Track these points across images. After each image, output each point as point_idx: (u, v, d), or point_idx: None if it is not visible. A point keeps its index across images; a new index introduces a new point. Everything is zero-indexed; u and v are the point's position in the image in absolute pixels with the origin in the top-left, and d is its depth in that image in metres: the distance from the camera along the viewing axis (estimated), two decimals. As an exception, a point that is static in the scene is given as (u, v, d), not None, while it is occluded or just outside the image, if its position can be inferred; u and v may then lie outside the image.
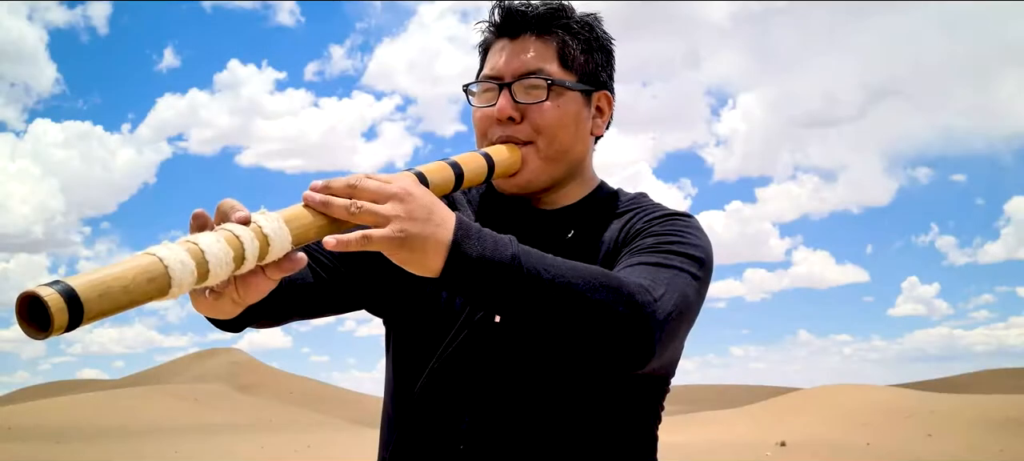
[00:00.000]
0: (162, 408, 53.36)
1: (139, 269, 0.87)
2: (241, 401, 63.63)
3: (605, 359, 1.10)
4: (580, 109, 1.38)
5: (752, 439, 29.48)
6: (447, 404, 1.31)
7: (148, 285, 0.87)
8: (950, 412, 32.53)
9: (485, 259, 1.04)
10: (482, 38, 1.44)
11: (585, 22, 1.40)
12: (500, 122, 1.36)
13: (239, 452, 28.26)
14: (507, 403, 1.28)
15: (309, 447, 30.21)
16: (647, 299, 1.11)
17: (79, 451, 27.76)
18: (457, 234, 1.04)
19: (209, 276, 0.92)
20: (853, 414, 33.83)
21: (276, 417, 51.58)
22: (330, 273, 1.30)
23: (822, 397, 38.14)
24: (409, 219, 1.01)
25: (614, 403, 1.31)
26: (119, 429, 40.01)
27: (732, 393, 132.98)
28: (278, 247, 0.98)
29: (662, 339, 1.13)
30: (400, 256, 1.02)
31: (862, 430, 30.92)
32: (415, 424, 1.34)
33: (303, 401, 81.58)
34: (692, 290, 1.22)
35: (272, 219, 0.98)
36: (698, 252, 1.28)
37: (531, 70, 1.35)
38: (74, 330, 0.84)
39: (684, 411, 60.03)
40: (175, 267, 0.88)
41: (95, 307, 0.83)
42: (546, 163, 1.36)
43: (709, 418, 39.06)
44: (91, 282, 0.84)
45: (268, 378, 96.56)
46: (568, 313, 1.06)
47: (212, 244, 0.92)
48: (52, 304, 0.81)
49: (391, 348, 1.44)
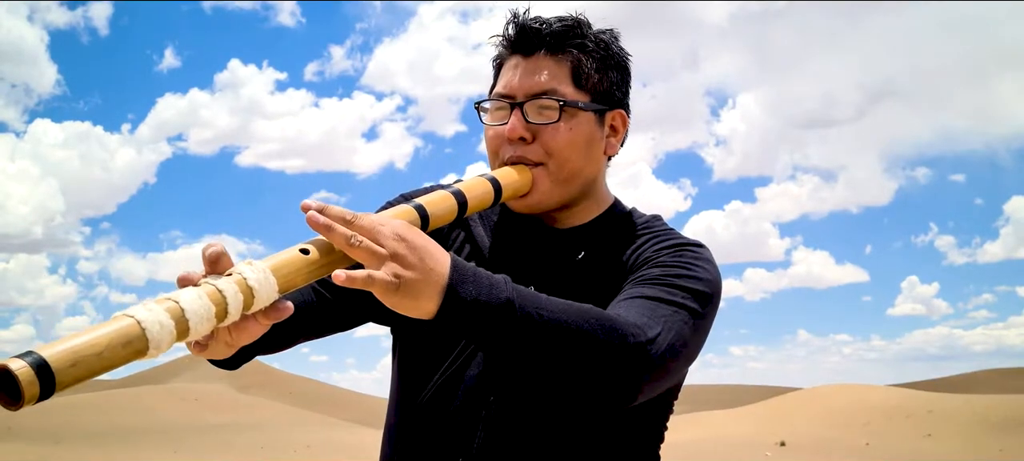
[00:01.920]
0: (162, 408, 53.31)
1: (114, 334, 0.86)
2: (241, 401, 63.53)
3: (593, 398, 1.10)
4: (593, 130, 1.35)
5: (752, 439, 29.47)
6: (455, 417, 1.30)
7: (124, 349, 0.86)
8: (949, 412, 32.53)
9: (479, 302, 1.03)
10: (496, 53, 1.40)
11: (601, 40, 1.37)
12: (511, 142, 1.33)
13: (239, 452, 28.24)
14: (516, 418, 1.28)
15: (309, 447, 30.20)
16: (641, 339, 1.10)
17: (79, 451, 27.75)
18: (452, 277, 1.03)
19: (190, 333, 0.91)
20: (853, 414, 33.83)
21: (276, 417, 51.52)
22: (334, 291, 1.29)
23: (822, 397, 38.14)
24: (403, 264, 1.00)
25: (620, 425, 1.31)
26: (119, 429, 39.96)
27: (732, 393, 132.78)
28: (264, 297, 0.97)
29: (652, 379, 1.13)
30: (393, 300, 1.01)
31: (862, 430, 30.92)
32: (421, 436, 1.33)
33: (303, 401, 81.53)
34: (689, 328, 1.20)
35: (257, 270, 0.97)
36: (704, 287, 1.25)
37: (544, 90, 1.32)
38: (48, 399, 0.83)
39: (684, 411, 59.96)
40: (153, 329, 0.88)
41: (68, 376, 0.83)
42: (557, 185, 1.34)
43: (709, 418, 39.05)
44: (63, 352, 0.83)
45: (268, 378, 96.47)
46: (559, 354, 1.06)
47: (193, 301, 0.91)
48: (22, 377, 0.80)
49: (397, 357, 1.43)
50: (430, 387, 1.33)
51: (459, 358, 1.32)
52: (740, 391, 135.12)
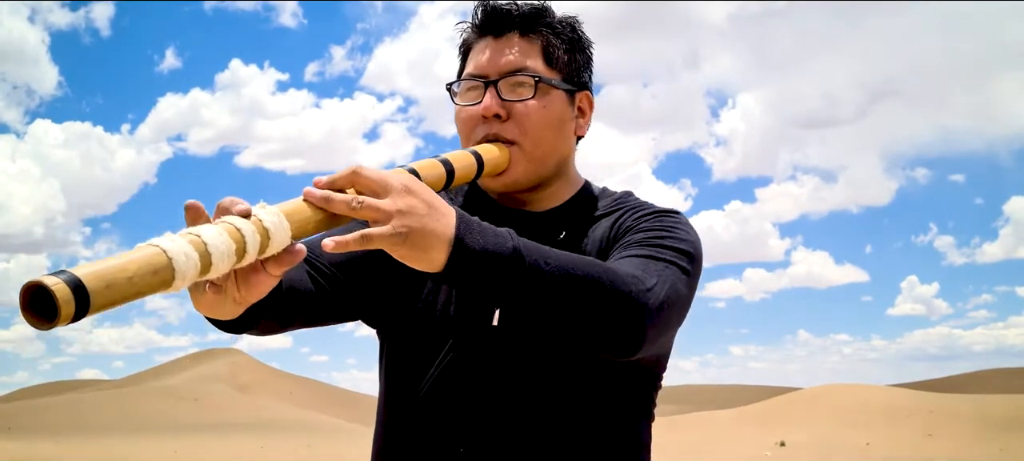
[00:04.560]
0: (162, 408, 53.39)
1: (143, 261, 0.85)
2: (241, 401, 63.60)
3: (599, 347, 1.12)
4: (565, 108, 1.38)
5: (752, 438, 29.48)
6: (445, 415, 1.31)
7: (152, 277, 0.85)
8: (949, 412, 32.55)
9: (487, 252, 1.03)
10: (463, 39, 1.43)
11: (568, 22, 1.40)
12: (486, 120, 1.34)
13: (239, 452, 28.27)
14: (506, 411, 1.29)
15: (309, 447, 30.22)
16: (640, 288, 1.13)
17: (79, 451, 27.76)
18: (459, 228, 1.03)
19: (211, 269, 0.90)
20: (853, 414, 33.84)
21: (276, 417, 51.58)
22: (329, 280, 1.29)
23: (822, 397, 38.15)
24: (411, 214, 1.00)
25: (610, 404, 1.33)
26: (119, 429, 40.02)
27: (732, 393, 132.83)
28: (278, 240, 0.97)
29: (654, 326, 1.14)
30: (402, 252, 1.00)
31: (862, 430, 30.91)
32: (411, 436, 1.34)
33: (303, 401, 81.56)
34: (682, 283, 1.23)
35: (271, 212, 0.97)
36: (688, 247, 1.28)
37: (517, 67, 1.34)
38: (79, 321, 0.82)
39: (684, 411, 60.03)
40: (179, 259, 0.87)
41: (101, 298, 0.82)
42: (532, 163, 1.35)
43: (709, 418, 39.08)
44: (97, 272, 0.82)
45: (268, 378, 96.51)
46: (567, 303, 1.07)
47: (214, 236, 0.91)
48: (59, 294, 0.79)
49: (384, 360, 1.43)
50: (425, 383, 1.33)
51: (447, 357, 1.32)
52: (740, 391, 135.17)
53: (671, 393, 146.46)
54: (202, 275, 0.90)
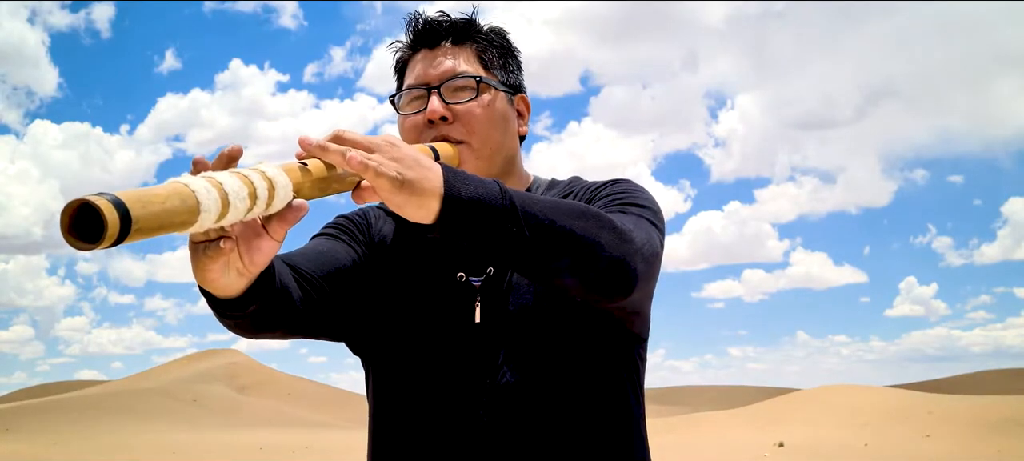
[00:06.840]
0: (161, 408, 53.34)
1: (172, 190, 0.86)
2: (240, 401, 63.56)
3: (593, 286, 1.15)
4: (507, 108, 1.44)
5: (751, 439, 29.48)
6: (436, 424, 1.32)
7: (181, 204, 0.86)
8: (948, 412, 32.54)
9: (481, 200, 1.06)
10: (397, 57, 1.49)
11: (496, 30, 1.48)
12: (431, 124, 1.38)
13: (238, 453, 28.24)
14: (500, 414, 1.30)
15: (308, 447, 30.19)
16: (626, 228, 1.18)
17: (78, 451, 27.75)
18: (447, 177, 1.06)
19: (230, 209, 0.92)
20: (851, 414, 33.84)
21: (275, 417, 51.53)
22: (316, 289, 1.29)
23: (820, 398, 38.14)
24: (402, 164, 1.03)
25: (601, 396, 1.34)
26: (118, 430, 39.98)
27: (730, 394, 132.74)
28: (282, 195, 0.99)
29: (643, 268, 1.19)
30: (399, 200, 1.03)
31: (860, 430, 30.93)
32: (404, 447, 1.35)
33: (302, 401, 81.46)
34: (656, 237, 1.27)
35: (272, 167, 0.99)
36: (653, 206, 1.34)
37: (457, 72, 1.40)
38: (120, 244, 0.82)
39: (684, 411, 60.03)
40: (202, 192, 0.88)
41: (142, 219, 0.82)
42: (482, 160, 1.38)
43: (708, 418, 39.06)
44: (133, 194, 0.82)
45: (267, 378, 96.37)
46: (560, 246, 1.10)
47: (229, 179, 0.93)
48: (105, 211, 0.79)
49: (371, 388, 1.44)
50: (413, 399, 1.34)
51: (434, 362, 1.33)
52: (739, 392, 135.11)
53: (670, 394, 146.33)
54: (221, 217, 0.92)
